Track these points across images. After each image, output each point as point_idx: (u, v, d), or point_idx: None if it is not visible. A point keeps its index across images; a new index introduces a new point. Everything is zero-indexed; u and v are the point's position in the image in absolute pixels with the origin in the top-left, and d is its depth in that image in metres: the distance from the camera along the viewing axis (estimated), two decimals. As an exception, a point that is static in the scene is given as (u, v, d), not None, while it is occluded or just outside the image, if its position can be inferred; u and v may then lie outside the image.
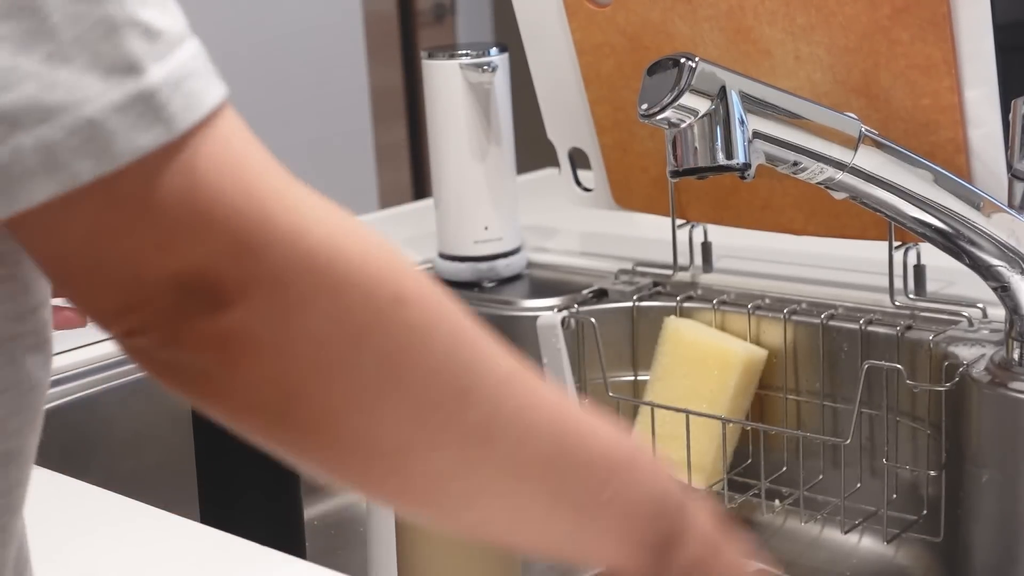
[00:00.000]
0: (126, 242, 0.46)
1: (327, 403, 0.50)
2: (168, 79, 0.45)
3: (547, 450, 0.56)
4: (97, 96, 0.44)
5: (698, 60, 0.76)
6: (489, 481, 0.55)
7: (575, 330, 1.18)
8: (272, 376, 0.49)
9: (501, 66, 1.23)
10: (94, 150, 0.44)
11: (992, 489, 0.96)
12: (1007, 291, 0.94)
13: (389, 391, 0.51)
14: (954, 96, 0.97)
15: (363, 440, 0.52)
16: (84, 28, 0.44)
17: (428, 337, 0.53)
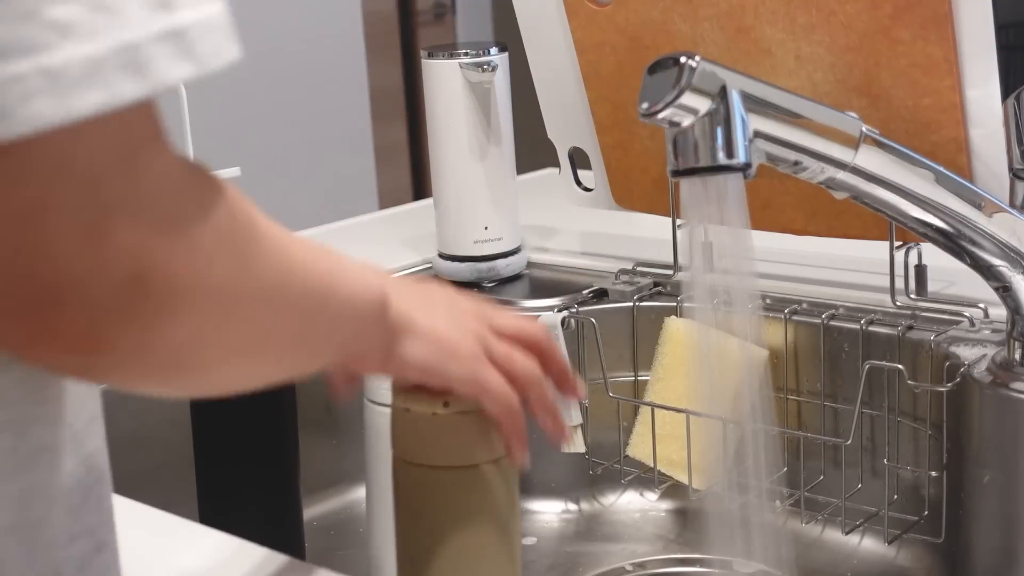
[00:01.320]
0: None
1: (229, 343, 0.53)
2: (197, 24, 0.47)
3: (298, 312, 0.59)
4: (138, 22, 0.46)
5: (699, 59, 0.76)
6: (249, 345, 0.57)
7: (575, 330, 1.18)
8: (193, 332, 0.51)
9: (501, 65, 1.23)
10: (134, 72, 0.45)
11: (993, 490, 0.96)
12: (1008, 291, 0.94)
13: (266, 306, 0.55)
14: (955, 95, 0.97)
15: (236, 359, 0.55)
16: None
17: (267, 242, 0.55)
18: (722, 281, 0.86)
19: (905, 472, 1.06)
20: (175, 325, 0.49)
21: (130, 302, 0.48)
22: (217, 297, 0.51)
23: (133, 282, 0.47)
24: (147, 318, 0.48)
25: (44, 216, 0.46)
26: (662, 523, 1.17)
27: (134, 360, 0.50)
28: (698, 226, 0.82)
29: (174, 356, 0.51)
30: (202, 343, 0.51)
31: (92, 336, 0.48)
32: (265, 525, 0.98)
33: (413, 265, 1.32)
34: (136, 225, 0.47)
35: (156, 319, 0.48)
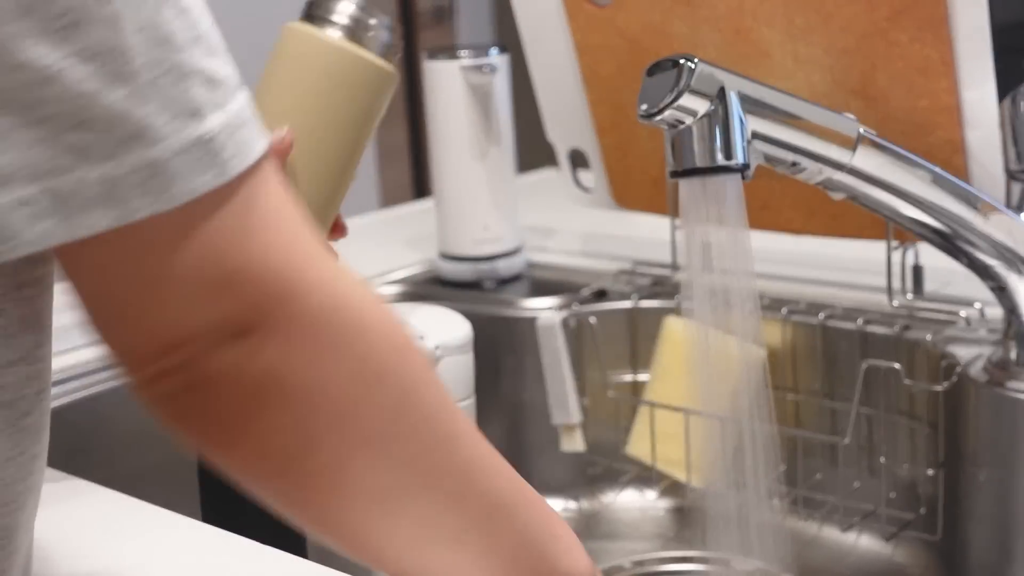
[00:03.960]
0: (175, 286, 0.48)
1: (339, 449, 0.51)
2: (225, 126, 0.47)
3: (505, 501, 0.60)
4: (165, 137, 0.46)
5: (697, 61, 0.76)
6: (458, 527, 0.57)
7: (575, 330, 1.18)
8: (293, 422, 0.50)
9: (501, 67, 1.23)
10: (155, 188, 0.45)
11: (989, 488, 0.96)
12: (1004, 291, 0.94)
13: (394, 436, 0.53)
14: (952, 97, 0.97)
15: (359, 486, 0.53)
16: (159, 73, 0.46)
17: (426, 384, 0.55)
18: (721, 281, 0.86)
19: (902, 470, 1.06)
20: (281, 388, 0.50)
21: (238, 352, 0.49)
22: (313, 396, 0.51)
23: (242, 335, 0.49)
24: (252, 366, 0.49)
25: (171, 284, 0.48)
26: (661, 521, 1.17)
27: (242, 417, 0.50)
28: (697, 226, 0.83)
29: (283, 430, 0.50)
30: (314, 427, 0.51)
31: (201, 377, 0.49)
32: (267, 523, 0.98)
33: (413, 265, 1.33)
34: (255, 292, 0.49)
35: (260, 371, 0.49)
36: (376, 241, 1.45)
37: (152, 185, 0.45)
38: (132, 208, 0.45)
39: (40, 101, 0.44)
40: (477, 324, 1.23)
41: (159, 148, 0.45)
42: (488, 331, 1.22)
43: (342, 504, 0.54)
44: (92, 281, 0.48)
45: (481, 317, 1.23)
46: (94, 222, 0.45)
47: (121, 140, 0.45)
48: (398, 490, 0.54)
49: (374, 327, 0.52)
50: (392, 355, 0.53)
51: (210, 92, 0.47)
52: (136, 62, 0.45)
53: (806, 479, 1.10)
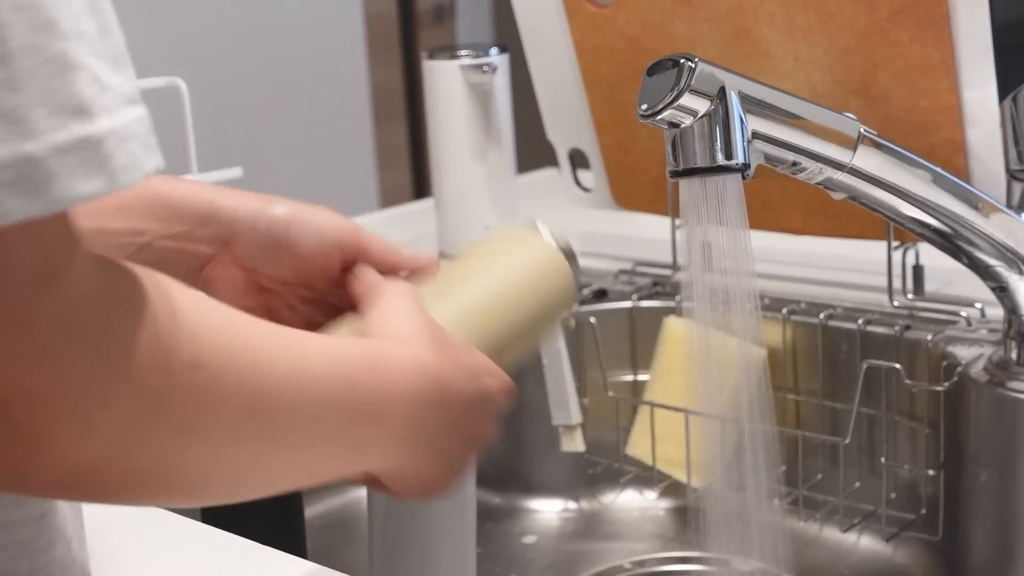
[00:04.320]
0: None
1: (135, 469, 0.48)
2: (115, 132, 0.42)
3: (329, 420, 0.56)
4: (42, 132, 0.40)
5: (697, 61, 0.76)
6: (274, 461, 0.55)
7: (575, 330, 1.18)
8: (92, 466, 0.46)
9: (501, 66, 1.23)
10: (28, 189, 0.40)
11: (990, 488, 0.96)
12: (1005, 291, 0.94)
13: (191, 442, 0.50)
14: (953, 97, 0.97)
15: (164, 484, 0.51)
16: (40, 60, 0.40)
17: (219, 389, 0.50)
18: (721, 281, 0.86)
19: (903, 471, 1.06)
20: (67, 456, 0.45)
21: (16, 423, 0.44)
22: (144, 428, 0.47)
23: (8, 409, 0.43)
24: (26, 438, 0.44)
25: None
26: (661, 521, 1.17)
27: (73, 477, 0.46)
28: (697, 226, 0.83)
29: (107, 475, 0.47)
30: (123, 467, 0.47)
31: (24, 456, 0.45)
32: (266, 523, 0.98)
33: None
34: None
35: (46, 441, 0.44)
36: (376, 241, 1.44)
37: (26, 185, 0.40)
38: (5, 209, 0.40)
39: None
40: (477, 324, 1.23)
41: (34, 143, 0.40)
42: (488, 331, 1.21)
43: (150, 497, 0.52)
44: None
45: (481, 317, 1.23)
46: None
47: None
48: (209, 473, 0.52)
49: (141, 364, 0.47)
50: (167, 384, 0.48)
51: (99, 93, 0.42)
52: (10, 43, 0.40)
53: (806, 479, 1.10)
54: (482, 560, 1.12)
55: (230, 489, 0.55)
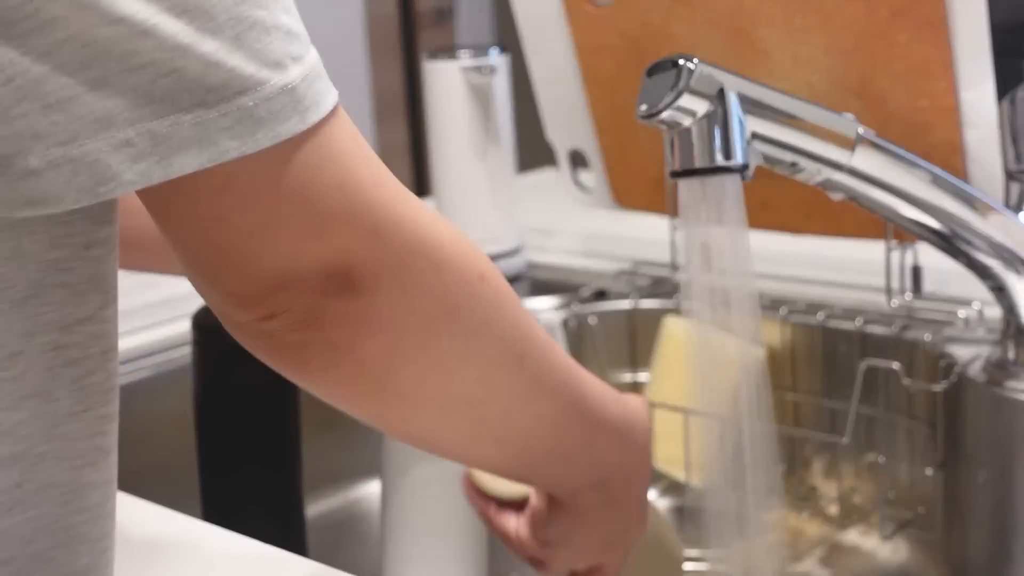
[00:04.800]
0: (275, 229, 0.51)
1: (422, 370, 0.58)
2: (304, 77, 0.50)
3: (566, 399, 0.68)
4: (253, 86, 0.49)
5: (697, 61, 0.77)
6: (523, 418, 0.65)
7: (575, 330, 1.18)
8: (384, 348, 0.56)
9: (501, 67, 1.24)
10: (242, 132, 0.49)
11: (988, 487, 0.97)
12: (1003, 291, 0.94)
13: (470, 355, 0.60)
14: (951, 98, 0.98)
15: (437, 397, 0.60)
16: (244, 27, 0.49)
17: (501, 309, 0.61)
18: (720, 281, 0.87)
19: (901, 470, 1.06)
20: (376, 319, 0.54)
21: (340, 288, 0.53)
22: (419, 314, 0.56)
23: (343, 273, 0.53)
24: (353, 303, 0.54)
25: (273, 229, 0.51)
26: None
27: (343, 348, 0.55)
28: (697, 226, 0.83)
29: (376, 356, 0.56)
30: (401, 352, 0.56)
31: (309, 314, 0.53)
32: (268, 523, 0.99)
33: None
34: (352, 232, 0.53)
35: (360, 306, 0.54)
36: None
37: (239, 130, 0.48)
38: (221, 149, 0.48)
39: (137, 51, 0.47)
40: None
41: (247, 96, 0.49)
42: (488, 331, 1.22)
43: (420, 412, 0.61)
44: (192, 231, 0.52)
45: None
46: (187, 162, 0.48)
47: (212, 88, 0.48)
48: (468, 399, 0.61)
49: (451, 263, 0.57)
50: (465, 288, 0.58)
51: (289, 45, 0.50)
52: (221, 17, 0.48)
53: (805, 479, 1.10)
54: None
55: (456, 436, 0.64)
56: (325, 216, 0.52)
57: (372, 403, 0.59)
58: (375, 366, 0.56)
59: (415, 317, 0.56)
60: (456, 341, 0.59)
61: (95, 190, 0.48)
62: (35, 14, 0.46)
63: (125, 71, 0.47)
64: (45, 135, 0.47)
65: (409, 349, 0.56)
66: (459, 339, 0.59)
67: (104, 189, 0.48)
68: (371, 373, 0.56)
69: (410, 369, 0.57)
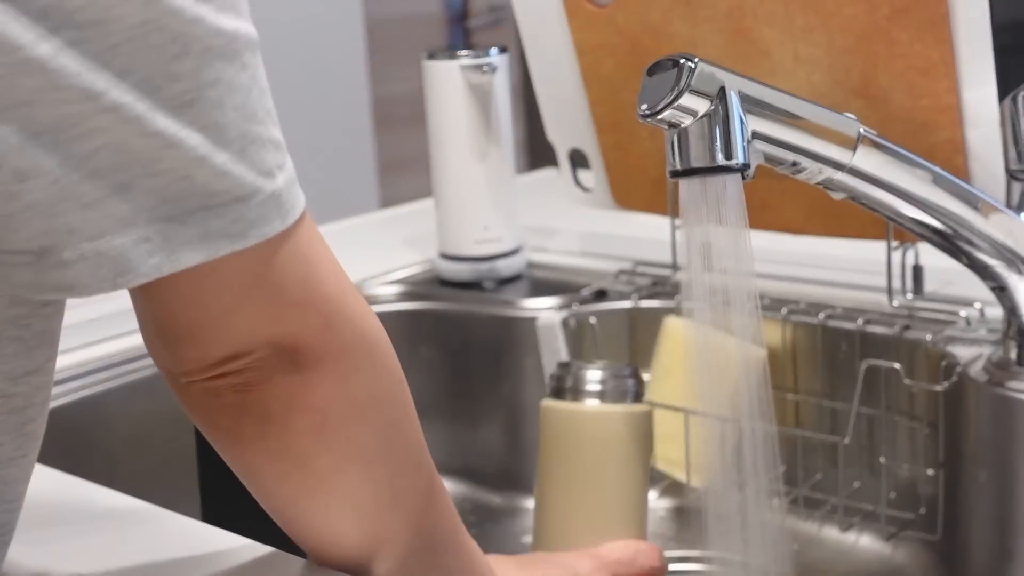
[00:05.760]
0: (248, 310, 0.58)
1: (342, 458, 0.63)
2: (287, 183, 0.57)
3: (446, 541, 0.73)
4: (251, 194, 0.55)
5: (697, 61, 0.76)
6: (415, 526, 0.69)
7: (575, 330, 1.18)
8: (313, 428, 0.61)
9: (501, 66, 1.24)
10: (236, 232, 0.55)
11: (989, 488, 0.96)
12: (1005, 291, 0.94)
13: (385, 454, 0.65)
14: (953, 97, 0.97)
15: (349, 492, 0.65)
16: (248, 142, 0.55)
17: (410, 414, 0.67)
18: (721, 281, 0.86)
19: (902, 470, 1.06)
20: (312, 397, 0.61)
21: (286, 363, 0.60)
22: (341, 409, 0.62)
23: (292, 351, 0.60)
24: (296, 377, 0.60)
25: (241, 312, 0.58)
26: (661, 521, 1.17)
27: (277, 419, 0.61)
28: (697, 226, 0.83)
29: (304, 434, 0.61)
30: (327, 436, 0.62)
31: (254, 379, 0.60)
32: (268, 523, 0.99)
33: (413, 265, 1.33)
34: (307, 319, 0.60)
35: (301, 381, 0.60)
36: (376, 241, 1.45)
37: (234, 230, 0.55)
38: (218, 247, 0.55)
39: (161, 159, 0.53)
40: (477, 324, 1.23)
41: (244, 202, 0.55)
42: (488, 331, 1.22)
43: (328, 505, 0.65)
44: (167, 308, 0.58)
45: (481, 317, 1.23)
46: (191, 257, 0.54)
47: (215, 193, 0.54)
48: (376, 499, 0.66)
49: (384, 361, 0.64)
50: (392, 385, 0.65)
51: (277, 155, 0.57)
52: (232, 134, 0.54)
53: (806, 479, 1.10)
54: (482, 560, 1.12)
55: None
56: (287, 304, 0.59)
57: (286, 488, 0.64)
58: (301, 445, 0.62)
59: (346, 403, 0.62)
60: (376, 437, 0.64)
61: (115, 280, 0.53)
62: (80, 123, 0.51)
63: (148, 176, 0.53)
64: (78, 231, 0.52)
65: (335, 434, 0.62)
66: (380, 435, 0.64)
67: (123, 280, 0.53)
68: (296, 452, 0.62)
69: (332, 455, 0.63)
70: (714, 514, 0.86)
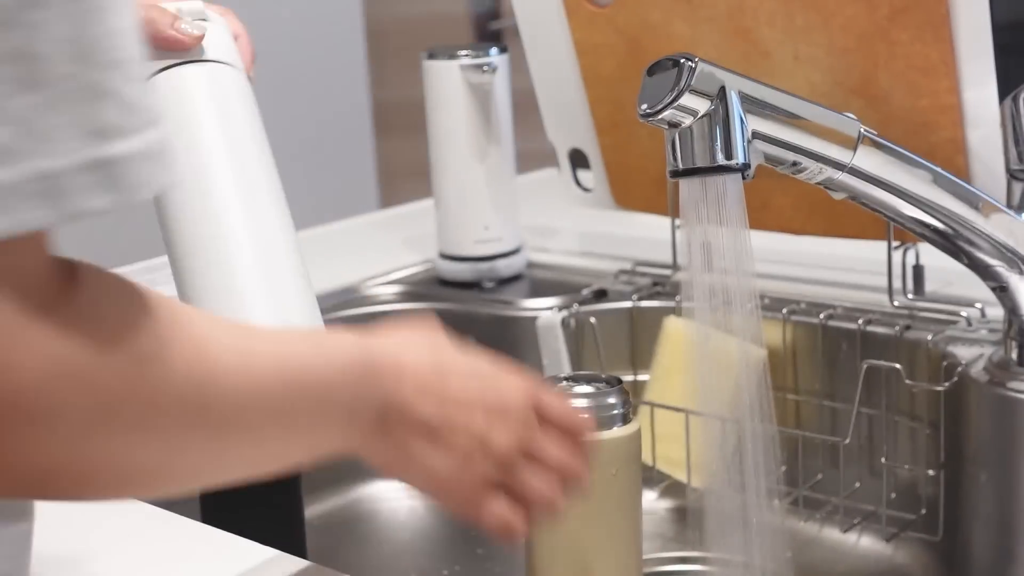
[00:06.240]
0: None
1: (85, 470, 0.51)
2: (135, 154, 0.46)
3: (267, 407, 0.57)
4: (65, 153, 0.44)
5: (698, 60, 0.76)
6: (222, 452, 0.56)
7: (575, 330, 1.18)
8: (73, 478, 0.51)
9: (501, 66, 1.23)
10: (47, 202, 0.44)
11: (990, 488, 0.96)
12: (1005, 291, 0.94)
13: (144, 440, 0.52)
14: (953, 97, 0.97)
15: (120, 479, 0.54)
16: (74, 87, 0.45)
17: (171, 384, 0.52)
18: (721, 281, 0.86)
19: (903, 471, 1.06)
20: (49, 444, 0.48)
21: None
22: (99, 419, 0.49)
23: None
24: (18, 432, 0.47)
25: None
26: (661, 522, 1.17)
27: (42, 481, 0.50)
28: (697, 226, 0.83)
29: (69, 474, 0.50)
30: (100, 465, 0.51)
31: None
32: (267, 524, 0.98)
33: (413, 265, 1.33)
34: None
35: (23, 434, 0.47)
36: (376, 241, 1.45)
37: (45, 199, 0.44)
38: (22, 219, 0.44)
39: None
40: (477, 324, 1.23)
41: (57, 162, 0.44)
42: (488, 331, 1.21)
43: (101, 494, 0.56)
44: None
45: (481, 317, 1.23)
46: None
47: (20, 148, 0.44)
48: (157, 466, 0.54)
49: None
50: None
51: (124, 116, 0.46)
52: (51, 72, 0.44)
53: (807, 479, 1.10)
54: (482, 560, 1.12)
55: (186, 481, 0.57)
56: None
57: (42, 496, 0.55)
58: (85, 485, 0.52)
59: (61, 435, 0.48)
60: (120, 436, 0.51)
61: None
62: None
63: None
64: None
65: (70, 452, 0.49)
66: (122, 433, 0.51)
67: None
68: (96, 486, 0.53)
69: (73, 471, 0.51)
70: (714, 515, 0.86)
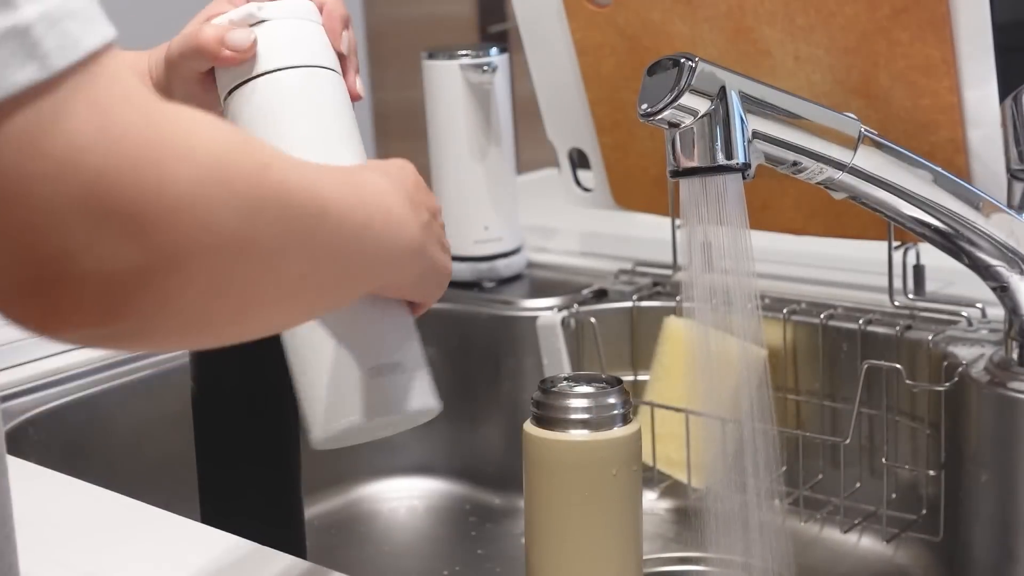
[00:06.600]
0: (34, 200, 0.43)
1: (249, 301, 0.51)
2: (44, 17, 0.42)
3: (359, 217, 0.59)
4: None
5: (698, 60, 0.76)
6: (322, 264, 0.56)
7: (575, 330, 1.18)
8: (203, 290, 0.48)
9: (501, 66, 1.23)
10: None
11: (991, 488, 0.96)
12: (1006, 291, 0.94)
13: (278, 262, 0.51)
14: (954, 96, 0.97)
15: (240, 325, 0.53)
16: None
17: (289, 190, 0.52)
18: (721, 281, 0.86)
19: (903, 471, 1.06)
20: (185, 281, 0.46)
21: (135, 264, 0.44)
22: (226, 248, 0.47)
23: (134, 244, 0.44)
24: (156, 277, 0.45)
25: (28, 196, 0.42)
26: (661, 522, 1.17)
27: (153, 324, 0.47)
28: (697, 226, 0.83)
29: (192, 313, 0.47)
30: (218, 296, 0.48)
31: (106, 306, 0.44)
32: (266, 524, 0.98)
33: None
34: (124, 188, 0.43)
35: (165, 276, 0.45)
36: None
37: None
38: None
39: None
40: (477, 324, 1.23)
41: None
42: (488, 331, 1.21)
43: (252, 318, 0.53)
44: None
45: (481, 317, 1.23)
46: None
47: None
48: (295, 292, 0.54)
49: (239, 174, 0.48)
50: (261, 200, 0.49)
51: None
52: None
53: (807, 480, 1.10)
54: (482, 560, 1.12)
55: (299, 306, 0.57)
56: (91, 180, 0.43)
57: (198, 341, 0.55)
58: (196, 312, 0.48)
59: (218, 245, 0.47)
60: (272, 251, 0.50)
61: None
62: None
63: None
64: None
65: (229, 288, 0.49)
66: (275, 247, 0.50)
67: None
68: (199, 320, 0.49)
69: (236, 303, 0.50)
70: (715, 515, 0.86)
